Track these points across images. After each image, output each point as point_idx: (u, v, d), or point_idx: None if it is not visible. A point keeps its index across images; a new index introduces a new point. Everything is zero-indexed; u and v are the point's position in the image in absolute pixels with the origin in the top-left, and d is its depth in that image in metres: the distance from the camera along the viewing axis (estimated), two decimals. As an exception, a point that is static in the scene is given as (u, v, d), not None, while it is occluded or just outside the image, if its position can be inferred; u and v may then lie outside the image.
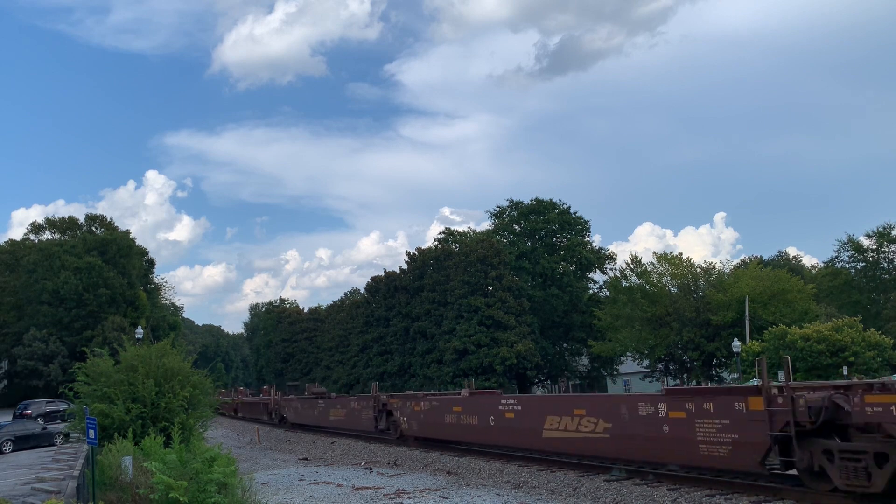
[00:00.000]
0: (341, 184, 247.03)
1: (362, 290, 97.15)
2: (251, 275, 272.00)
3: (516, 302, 71.82)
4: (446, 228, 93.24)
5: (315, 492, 19.56)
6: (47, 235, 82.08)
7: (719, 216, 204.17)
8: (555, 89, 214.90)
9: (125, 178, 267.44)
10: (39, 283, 71.43)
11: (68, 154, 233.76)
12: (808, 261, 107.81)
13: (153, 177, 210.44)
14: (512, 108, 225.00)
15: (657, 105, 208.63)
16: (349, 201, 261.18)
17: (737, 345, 46.32)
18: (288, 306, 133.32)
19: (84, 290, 71.64)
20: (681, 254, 63.20)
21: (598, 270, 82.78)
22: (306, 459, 29.78)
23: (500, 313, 70.05)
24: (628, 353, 67.16)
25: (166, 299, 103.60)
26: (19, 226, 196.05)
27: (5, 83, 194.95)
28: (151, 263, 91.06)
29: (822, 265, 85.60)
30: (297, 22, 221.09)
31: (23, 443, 28.31)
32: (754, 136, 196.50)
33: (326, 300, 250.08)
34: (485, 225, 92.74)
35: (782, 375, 39.65)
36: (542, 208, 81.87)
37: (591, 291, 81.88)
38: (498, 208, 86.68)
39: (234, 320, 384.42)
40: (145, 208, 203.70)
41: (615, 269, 77.31)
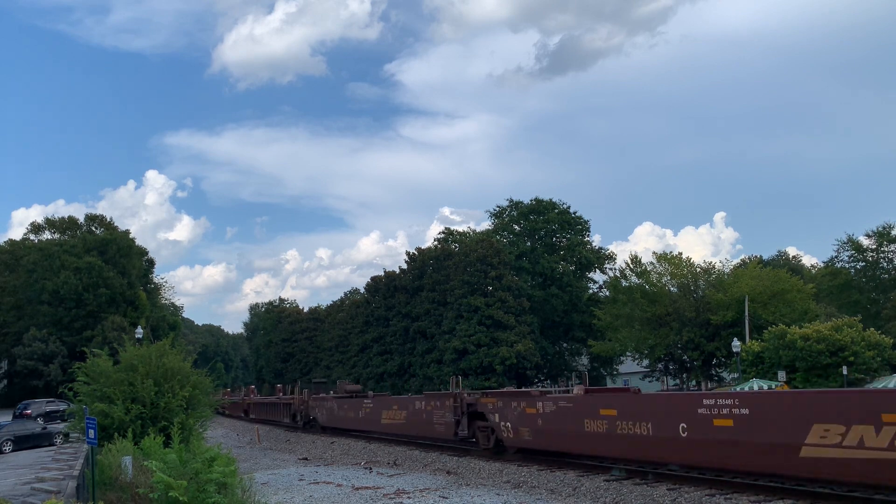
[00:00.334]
0: (341, 184, 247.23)
1: (362, 290, 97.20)
2: (251, 275, 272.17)
3: (516, 302, 71.82)
4: (446, 228, 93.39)
5: (315, 492, 19.56)
6: (47, 235, 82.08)
7: (719, 216, 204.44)
8: (555, 89, 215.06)
9: (125, 178, 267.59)
10: (39, 283, 71.41)
11: (68, 154, 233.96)
12: (808, 260, 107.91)
13: (153, 177, 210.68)
14: (512, 108, 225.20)
15: (657, 105, 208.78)
16: (349, 201, 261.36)
17: (736, 345, 46.29)
18: (288, 306, 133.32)
19: (84, 289, 71.63)
20: (680, 253, 63.25)
21: (597, 270, 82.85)
22: (306, 459, 29.78)
23: (499, 313, 70.06)
24: (628, 353, 67.16)
25: (166, 299, 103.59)
26: (19, 226, 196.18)
27: (5, 83, 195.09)
28: (151, 263, 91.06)
29: (822, 265, 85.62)
30: (297, 22, 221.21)
31: (22, 443, 28.29)
32: (754, 136, 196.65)
33: (326, 300, 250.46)
34: (485, 225, 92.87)
35: (782, 375, 39.80)
36: (541, 208, 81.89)
37: (590, 291, 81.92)
38: (498, 208, 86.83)
39: (233, 320, 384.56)
40: (145, 208, 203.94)
41: (615, 269, 77.38)
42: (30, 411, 40.19)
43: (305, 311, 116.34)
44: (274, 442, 39.84)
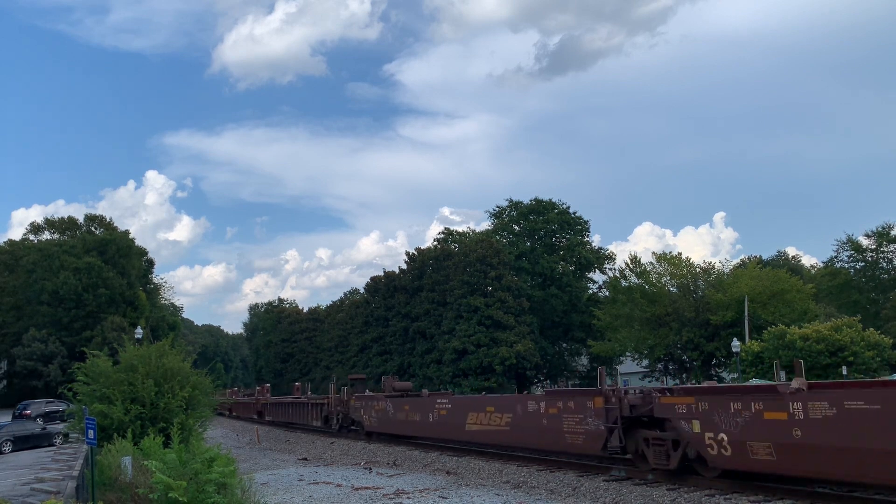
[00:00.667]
0: (341, 184, 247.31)
1: (362, 290, 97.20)
2: (251, 275, 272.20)
3: (516, 302, 71.83)
4: (446, 228, 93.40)
5: (314, 492, 19.55)
6: (47, 236, 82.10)
7: (719, 216, 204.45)
8: (555, 89, 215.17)
9: (125, 178, 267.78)
10: (39, 284, 71.40)
11: (68, 154, 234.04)
12: (808, 261, 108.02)
13: (153, 177, 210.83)
14: (512, 108, 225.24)
15: (657, 105, 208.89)
16: (349, 201, 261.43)
17: (736, 345, 46.31)
18: (287, 306, 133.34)
19: (83, 290, 71.62)
20: (680, 254, 63.25)
21: (597, 270, 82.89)
22: (306, 459, 29.77)
23: (499, 313, 70.07)
24: (628, 353, 67.16)
25: (166, 299, 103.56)
26: (19, 226, 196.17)
27: (5, 83, 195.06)
28: (151, 263, 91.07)
29: (822, 265, 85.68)
30: (297, 22, 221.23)
31: (22, 443, 28.29)
32: (754, 136, 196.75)
33: (326, 300, 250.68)
34: (484, 225, 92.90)
35: (782, 375, 39.77)
36: (541, 208, 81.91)
37: (590, 291, 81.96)
38: (497, 208, 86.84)
39: (233, 320, 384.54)
40: (145, 208, 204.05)
41: (614, 269, 77.43)
42: (29, 412, 40.17)
43: (305, 311, 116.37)
44: (273, 442, 39.83)
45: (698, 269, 61.20)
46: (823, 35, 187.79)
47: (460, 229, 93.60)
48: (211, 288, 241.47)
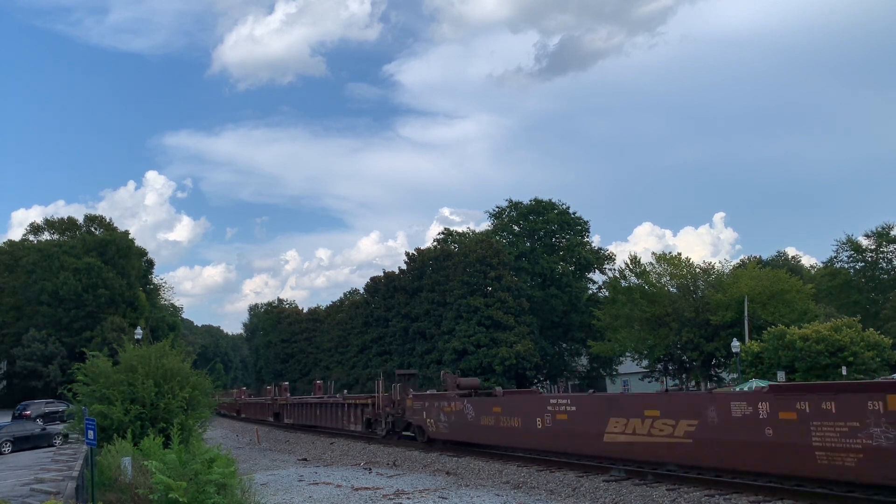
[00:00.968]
0: (341, 184, 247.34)
1: (362, 291, 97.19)
2: (251, 275, 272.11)
3: (515, 302, 71.83)
4: (445, 229, 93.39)
5: (314, 492, 19.55)
6: (46, 236, 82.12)
7: (718, 216, 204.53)
8: (555, 89, 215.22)
9: (125, 179, 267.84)
10: (38, 284, 71.40)
11: (68, 154, 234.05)
12: (808, 261, 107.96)
13: (153, 177, 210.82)
14: (512, 108, 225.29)
15: (657, 105, 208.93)
16: (349, 201, 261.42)
17: (736, 345, 46.31)
18: (287, 307, 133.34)
19: (83, 290, 71.62)
20: (680, 254, 63.27)
21: (597, 270, 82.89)
22: (305, 460, 29.77)
23: (499, 313, 70.07)
24: (627, 354, 67.17)
25: (166, 300, 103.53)
26: (19, 226, 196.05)
27: (5, 83, 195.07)
28: (151, 264, 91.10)
29: (822, 265, 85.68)
30: (297, 22, 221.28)
31: (22, 443, 28.27)
32: (754, 136, 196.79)
33: (326, 300, 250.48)
34: (484, 225, 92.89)
35: (782, 376, 39.80)
36: (541, 208, 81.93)
37: (590, 291, 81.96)
38: (497, 208, 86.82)
39: (233, 321, 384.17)
40: (145, 209, 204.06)
41: (614, 270, 77.41)
42: (29, 412, 40.15)
43: (305, 311, 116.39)
44: (273, 443, 39.84)
45: (698, 270, 61.23)
46: (823, 35, 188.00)
47: (460, 229, 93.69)
48: (211, 288, 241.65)
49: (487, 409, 23.92)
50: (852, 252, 77.38)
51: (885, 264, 76.14)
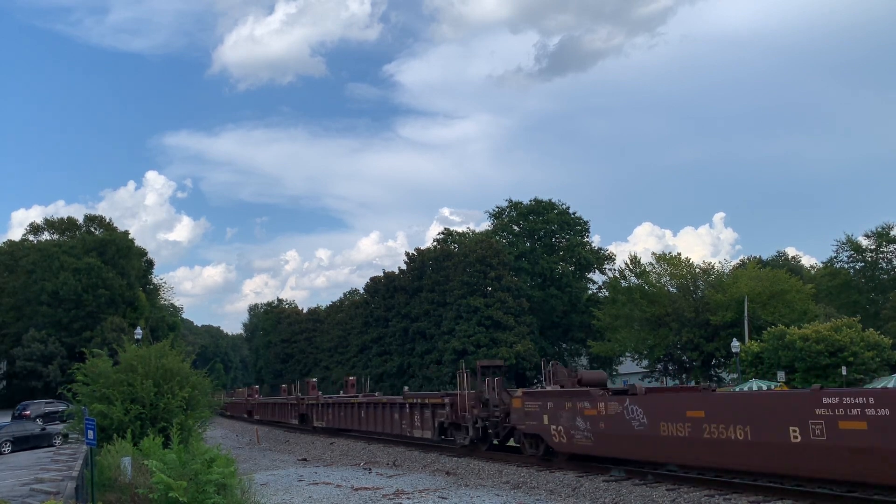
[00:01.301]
0: (341, 184, 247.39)
1: (362, 291, 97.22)
2: (251, 275, 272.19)
3: (515, 302, 71.84)
4: (445, 229, 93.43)
5: (314, 492, 19.54)
6: (46, 236, 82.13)
7: (718, 216, 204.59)
8: (554, 89, 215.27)
9: (125, 179, 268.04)
10: (38, 284, 71.40)
11: (68, 154, 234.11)
12: (807, 261, 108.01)
13: (153, 177, 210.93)
14: (512, 108, 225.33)
15: (657, 105, 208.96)
16: (349, 201, 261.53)
17: (736, 345, 46.31)
18: (287, 307, 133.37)
19: (83, 290, 71.62)
20: (680, 254, 63.32)
21: (597, 271, 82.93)
22: (305, 460, 29.76)
23: (499, 314, 70.08)
24: (627, 354, 67.17)
25: (165, 300, 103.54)
26: (19, 226, 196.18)
27: (5, 84, 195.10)
28: (150, 264, 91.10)
29: (821, 265, 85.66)
30: (298, 22, 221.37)
31: (21, 444, 28.27)
32: (754, 136, 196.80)
33: (326, 301, 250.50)
34: (484, 225, 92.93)
35: (782, 376, 39.79)
36: (541, 208, 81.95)
37: (590, 292, 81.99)
38: (497, 209, 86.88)
39: (233, 321, 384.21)
40: (145, 209, 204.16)
41: (614, 270, 77.49)
42: (29, 412, 40.13)
43: (305, 311, 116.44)
44: (273, 443, 39.84)
45: (698, 270, 61.26)
46: (823, 35, 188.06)
47: (460, 229, 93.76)
48: (211, 288, 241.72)
49: (676, 413, 16.05)
50: (852, 252, 77.38)
51: (884, 264, 76.14)
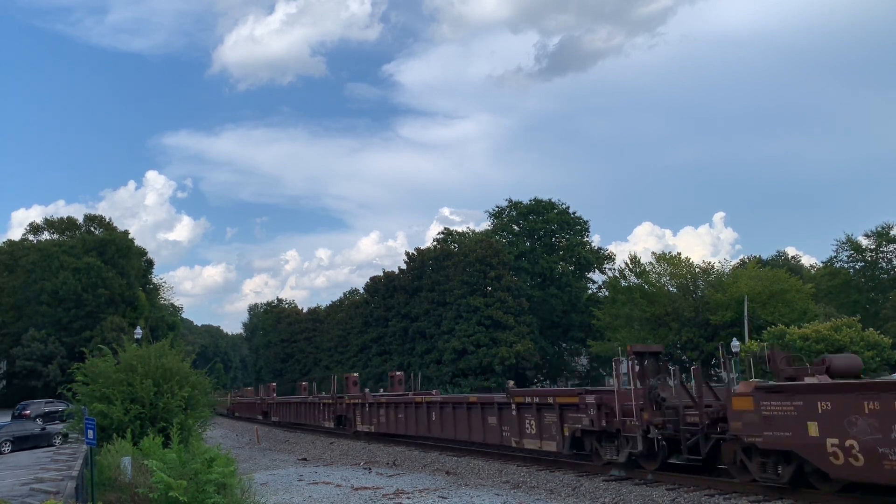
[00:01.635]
0: (341, 184, 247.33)
1: (362, 291, 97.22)
2: (251, 275, 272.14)
3: (515, 302, 71.83)
4: (445, 229, 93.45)
5: (314, 492, 19.53)
6: (46, 236, 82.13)
7: (718, 216, 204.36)
8: (554, 89, 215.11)
9: (125, 179, 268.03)
10: (38, 284, 71.39)
11: (68, 154, 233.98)
12: (807, 261, 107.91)
13: (153, 177, 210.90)
14: (512, 108, 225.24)
15: (657, 105, 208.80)
16: (348, 201, 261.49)
17: (736, 345, 46.32)
18: (287, 306, 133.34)
19: (83, 290, 71.60)
20: (679, 254, 63.32)
21: (597, 270, 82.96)
22: (305, 460, 29.75)
23: (499, 313, 70.07)
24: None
25: (165, 299, 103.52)
26: (19, 226, 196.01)
27: (5, 84, 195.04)
28: (150, 264, 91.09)
29: (821, 265, 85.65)
30: (298, 22, 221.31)
31: (21, 443, 28.29)
32: (754, 136, 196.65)
33: (326, 300, 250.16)
34: (484, 225, 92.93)
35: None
36: (541, 208, 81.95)
37: (590, 291, 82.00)
38: (497, 208, 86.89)
39: (233, 320, 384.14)
40: (145, 209, 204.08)
41: (614, 269, 77.49)
42: (29, 412, 40.15)
43: (304, 311, 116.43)
44: (273, 442, 39.83)
45: (698, 270, 61.26)
46: (823, 35, 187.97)
47: (460, 229, 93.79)
48: (211, 288, 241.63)
49: None
50: (852, 252, 77.39)
51: (884, 264, 76.15)
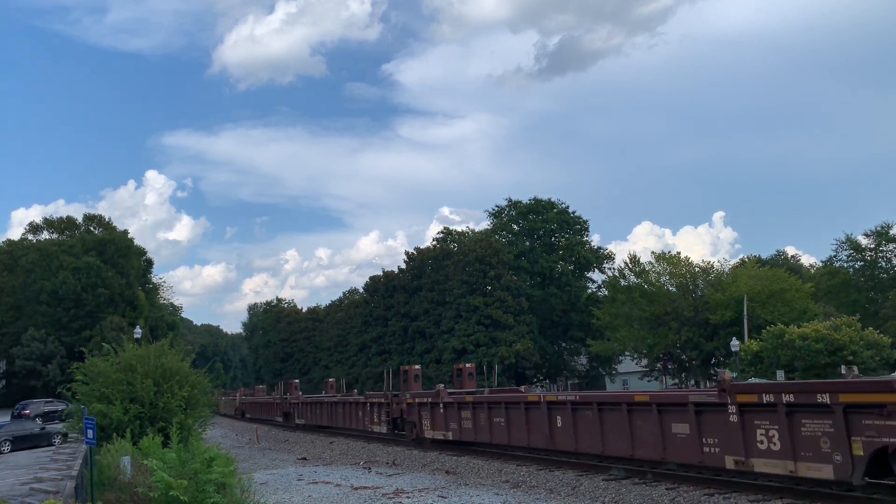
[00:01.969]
0: (340, 184, 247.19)
1: (361, 290, 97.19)
2: (250, 275, 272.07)
3: (515, 301, 71.81)
4: (445, 228, 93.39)
5: (314, 491, 19.53)
6: (45, 235, 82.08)
7: (718, 215, 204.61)
8: (554, 89, 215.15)
9: (125, 178, 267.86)
10: (38, 284, 71.35)
11: (68, 154, 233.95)
12: (807, 260, 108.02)
13: (153, 177, 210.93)
14: (511, 108, 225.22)
15: (657, 105, 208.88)
16: (348, 201, 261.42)
17: (735, 344, 46.32)
18: (286, 306, 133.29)
19: (82, 290, 71.56)
20: (679, 253, 63.28)
21: (596, 270, 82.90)
22: (305, 459, 29.75)
23: (498, 313, 70.05)
24: (627, 353, 67.15)
25: (165, 299, 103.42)
26: (19, 226, 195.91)
27: (4, 84, 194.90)
28: (150, 263, 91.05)
29: (821, 264, 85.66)
30: (298, 22, 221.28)
31: (21, 443, 28.30)
32: (754, 136, 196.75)
33: (325, 300, 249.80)
34: (484, 225, 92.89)
35: (781, 375, 39.79)
36: (540, 208, 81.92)
37: (589, 291, 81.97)
38: (496, 208, 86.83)
39: (233, 320, 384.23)
40: (145, 208, 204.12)
41: (614, 269, 77.43)
42: (28, 411, 40.17)
43: (304, 311, 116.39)
44: (273, 442, 39.84)
45: (697, 269, 61.23)
46: (823, 35, 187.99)
47: (460, 229, 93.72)
48: (210, 288, 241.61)
49: None
50: (852, 251, 77.38)
51: (884, 263, 76.15)
